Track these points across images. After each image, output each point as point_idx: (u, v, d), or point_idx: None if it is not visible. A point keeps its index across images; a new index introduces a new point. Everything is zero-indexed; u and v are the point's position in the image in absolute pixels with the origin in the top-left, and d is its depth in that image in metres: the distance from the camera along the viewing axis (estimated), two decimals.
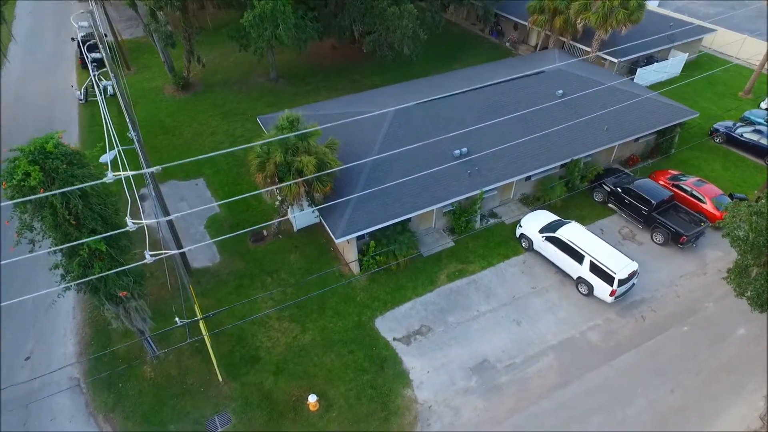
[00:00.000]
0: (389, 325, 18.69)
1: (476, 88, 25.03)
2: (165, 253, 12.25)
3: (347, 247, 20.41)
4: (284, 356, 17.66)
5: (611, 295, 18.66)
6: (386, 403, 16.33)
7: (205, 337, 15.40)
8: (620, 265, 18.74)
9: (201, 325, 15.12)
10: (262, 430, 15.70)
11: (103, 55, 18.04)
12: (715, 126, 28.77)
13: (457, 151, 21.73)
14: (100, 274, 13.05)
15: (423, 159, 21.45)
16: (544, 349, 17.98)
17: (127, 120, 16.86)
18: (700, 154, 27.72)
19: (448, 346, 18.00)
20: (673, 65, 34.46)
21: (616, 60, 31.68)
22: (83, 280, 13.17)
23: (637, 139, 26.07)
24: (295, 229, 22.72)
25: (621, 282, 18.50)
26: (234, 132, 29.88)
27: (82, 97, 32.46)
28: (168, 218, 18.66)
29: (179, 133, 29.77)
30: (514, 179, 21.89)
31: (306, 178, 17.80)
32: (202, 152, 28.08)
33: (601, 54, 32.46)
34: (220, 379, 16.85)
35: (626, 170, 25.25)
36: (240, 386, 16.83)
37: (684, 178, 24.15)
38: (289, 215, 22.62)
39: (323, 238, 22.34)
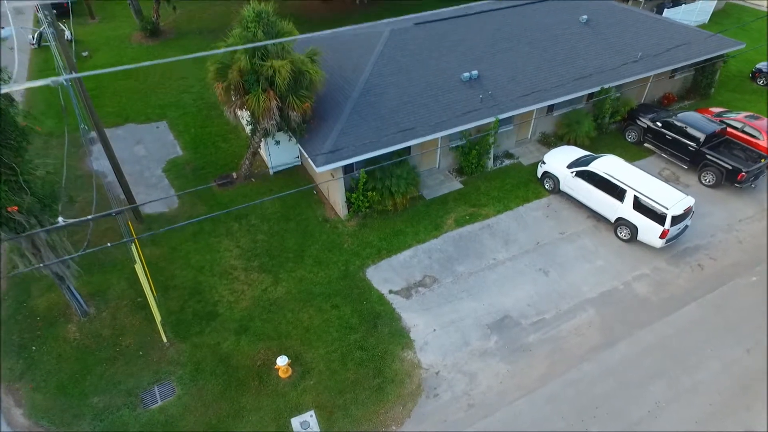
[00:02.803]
0: (384, 276, 14.88)
1: (487, 11, 21.25)
2: None
3: (333, 185, 16.59)
4: (250, 312, 13.83)
5: (662, 237, 14.90)
6: (380, 368, 12.51)
7: (137, 257, 11.44)
8: (673, 199, 15.00)
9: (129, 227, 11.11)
10: (215, 404, 11.85)
11: None
12: (757, 66, 25.15)
13: (466, 74, 17.94)
14: None
15: (424, 82, 17.68)
16: (580, 302, 14.21)
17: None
18: (741, 96, 24.05)
19: (458, 300, 14.21)
20: (701, 10, 30.80)
21: None
22: None
23: (672, 75, 22.40)
24: (271, 172, 18.87)
25: (675, 220, 14.75)
26: (206, 76, 25.88)
27: (34, 42, 28.57)
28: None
29: (143, 78, 25.84)
30: (535, 107, 18.09)
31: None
32: (168, 95, 24.35)
33: None
34: (165, 340, 12.99)
35: (663, 108, 21.54)
36: (190, 348, 12.98)
37: (732, 114, 20.44)
38: (264, 153, 18.78)
39: (304, 180, 18.52)
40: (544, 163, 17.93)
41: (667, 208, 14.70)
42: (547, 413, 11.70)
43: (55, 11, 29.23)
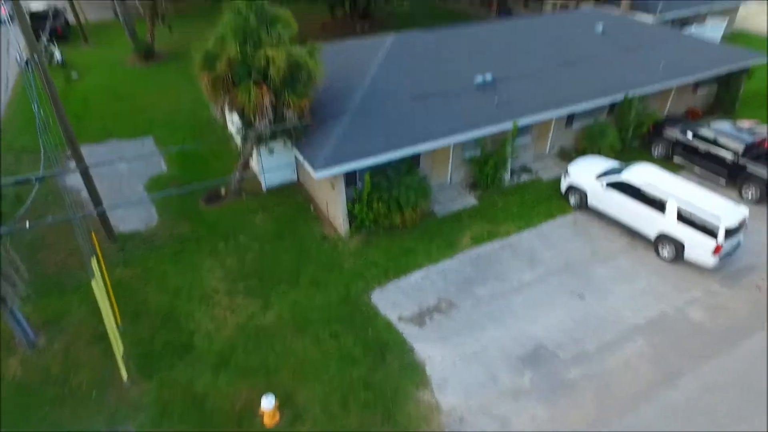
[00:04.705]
0: (393, 300, 12.68)
1: (500, 23, 20.11)
2: None
3: (333, 197, 14.65)
4: (232, 343, 11.53)
5: (715, 253, 12.83)
6: (390, 412, 10.11)
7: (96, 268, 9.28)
8: (725, 209, 13.05)
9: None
10: None
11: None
12: None
13: (480, 77, 16.45)
14: None
15: (434, 86, 16.14)
16: (625, 330, 11.96)
17: None
18: (764, 112, 22.64)
19: (481, 328, 11.95)
20: (711, 31, 30.04)
21: (651, 15, 27.16)
22: None
23: (695, 89, 21.04)
24: (264, 188, 16.99)
25: (728, 233, 12.74)
26: (203, 97, 24.55)
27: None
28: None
29: (134, 101, 24.38)
30: (556, 113, 16.47)
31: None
32: (158, 113, 22.85)
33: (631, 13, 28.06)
34: (125, 378, 10.61)
35: (690, 121, 19.99)
36: (156, 387, 10.61)
37: (764, 126, 18.84)
38: (256, 168, 16.96)
39: (301, 196, 16.62)
40: (568, 174, 16.09)
41: (720, 219, 12.71)
42: None
43: (51, 35, 28.48)
